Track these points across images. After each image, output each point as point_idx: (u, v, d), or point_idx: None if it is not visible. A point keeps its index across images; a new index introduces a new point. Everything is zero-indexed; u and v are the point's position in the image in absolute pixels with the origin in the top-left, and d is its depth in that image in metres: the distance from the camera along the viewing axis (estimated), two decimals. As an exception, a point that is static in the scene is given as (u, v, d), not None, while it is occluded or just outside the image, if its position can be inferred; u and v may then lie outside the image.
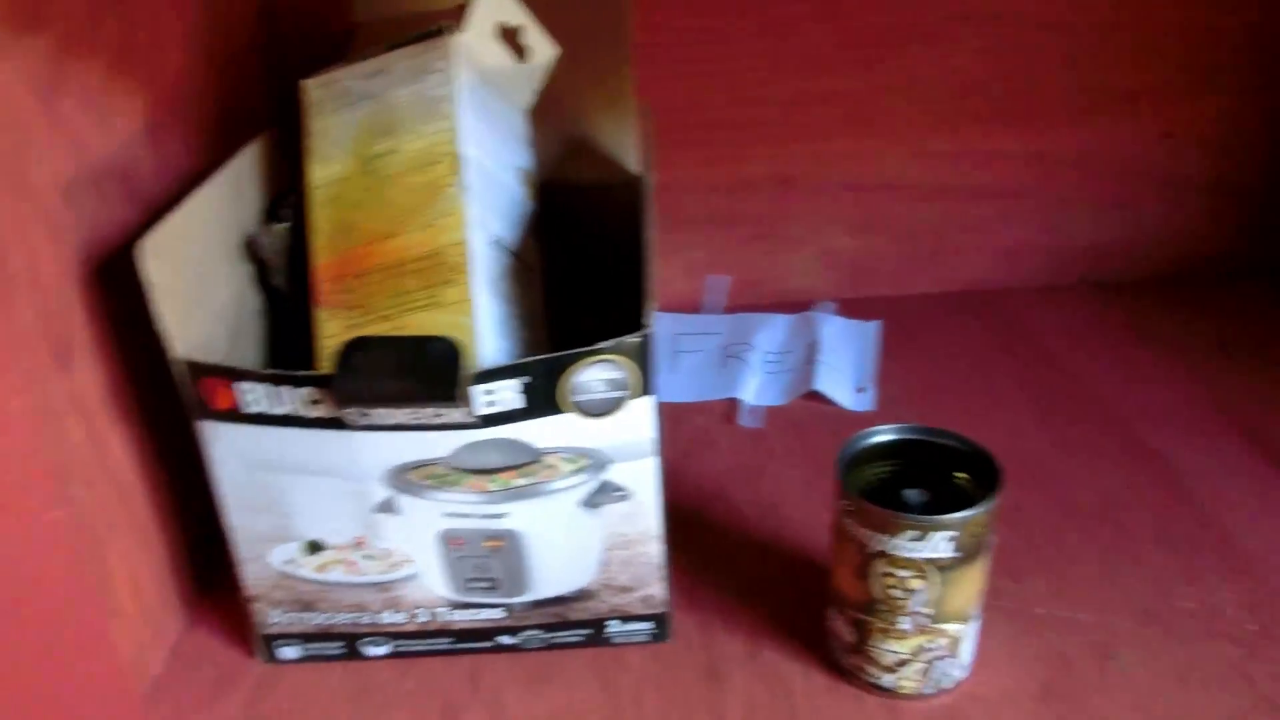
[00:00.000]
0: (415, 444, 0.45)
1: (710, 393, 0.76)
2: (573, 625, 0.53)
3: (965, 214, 0.84)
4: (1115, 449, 0.67)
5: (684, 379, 0.78)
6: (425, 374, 0.42)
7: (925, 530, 0.44)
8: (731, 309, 0.87)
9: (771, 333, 0.82)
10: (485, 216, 0.52)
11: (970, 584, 0.47)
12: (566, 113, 0.65)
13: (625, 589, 0.52)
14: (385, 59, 0.54)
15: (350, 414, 0.44)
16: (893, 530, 0.45)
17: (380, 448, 0.46)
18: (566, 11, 0.68)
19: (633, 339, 0.44)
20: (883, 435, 0.50)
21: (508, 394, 0.44)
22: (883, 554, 0.46)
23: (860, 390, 0.75)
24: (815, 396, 0.74)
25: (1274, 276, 0.86)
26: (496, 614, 0.52)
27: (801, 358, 0.78)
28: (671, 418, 0.73)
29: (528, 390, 0.44)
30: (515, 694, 0.51)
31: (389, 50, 0.55)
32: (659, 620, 0.53)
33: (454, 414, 0.44)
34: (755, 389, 0.76)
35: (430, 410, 0.43)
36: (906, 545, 0.45)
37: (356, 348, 0.43)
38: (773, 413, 0.73)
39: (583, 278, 0.66)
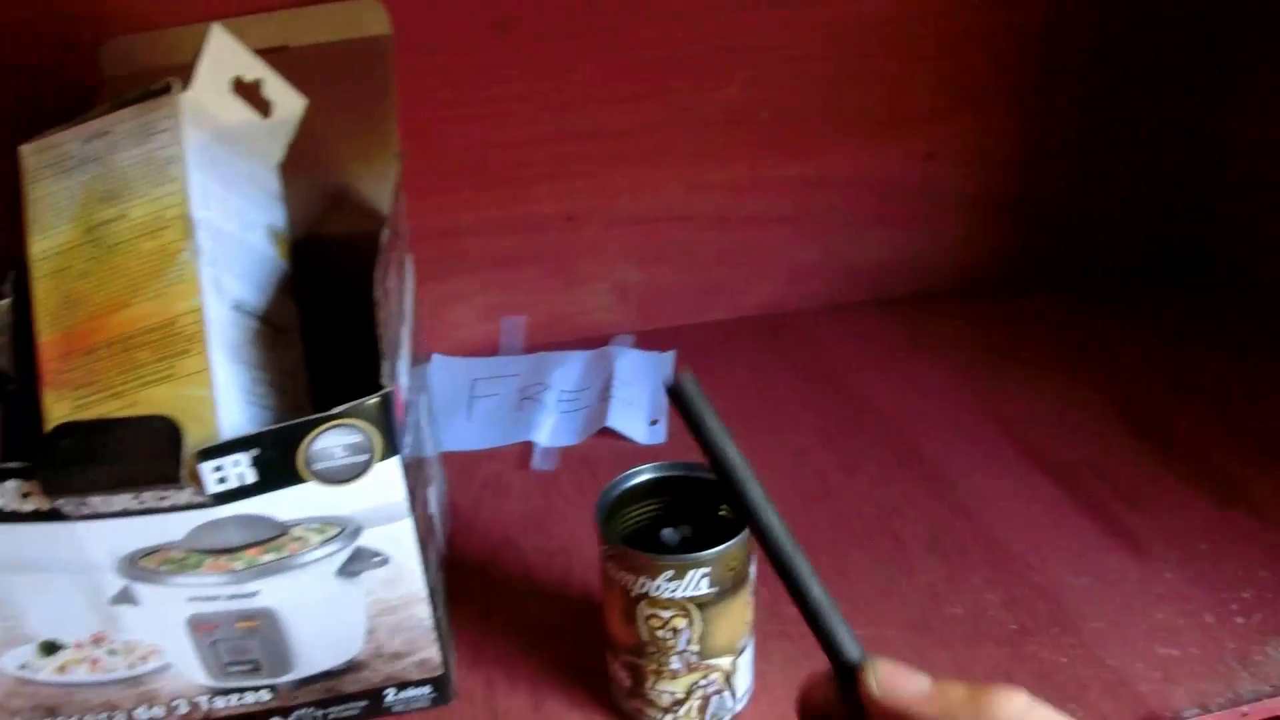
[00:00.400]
0: (145, 529, 0.43)
1: (506, 437, 0.75)
2: (348, 698, 0.51)
3: (748, 241, 0.86)
4: (894, 461, 0.70)
5: (479, 425, 0.77)
6: (138, 456, 0.40)
7: (680, 570, 0.44)
8: (532, 349, 0.86)
9: (568, 371, 0.82)
10: (224, 280, 0.50)
11: (735, 616, 0.47)
12: (330, 164, 0.63)
13: (398, 655, 0.50)
14: (108, 120, 0.52)
15: (65, 504, 0.41)
16: (650, 573, 0.45)
17: (107, 536, 0.43)
18: (325, 60, 0.67)
19: (371, 401, 0.43)
20: (642, 476, 0.50)
21: (239, 469, 0.42)
22: (645, 596, 0.46)
23: (654, 423, 0.75)
24: (610, 433, 0.74)
25: (1040, 285, 0.91)
26: (263, 696, 0.49)
27: (597, 394, 0.78)
28: (464, 467, 0.72)
29: (260, 463, 0.42)
30: (288, 777, 0.49)
31: (112, 110, 0.52)
32: (438, 683, 0.52)
33: (181, 495, 0.42)
34: (550, 430, 0.75)
35: (152, 493, 0.41)
36: (665, 586, 0.45)
37: (63, 434, 0.41)
38: (566, 453, 0.73)
39: (358, 332, 0.64)
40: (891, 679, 0.29)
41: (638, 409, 0.76)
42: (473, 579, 0.61)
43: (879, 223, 0.88)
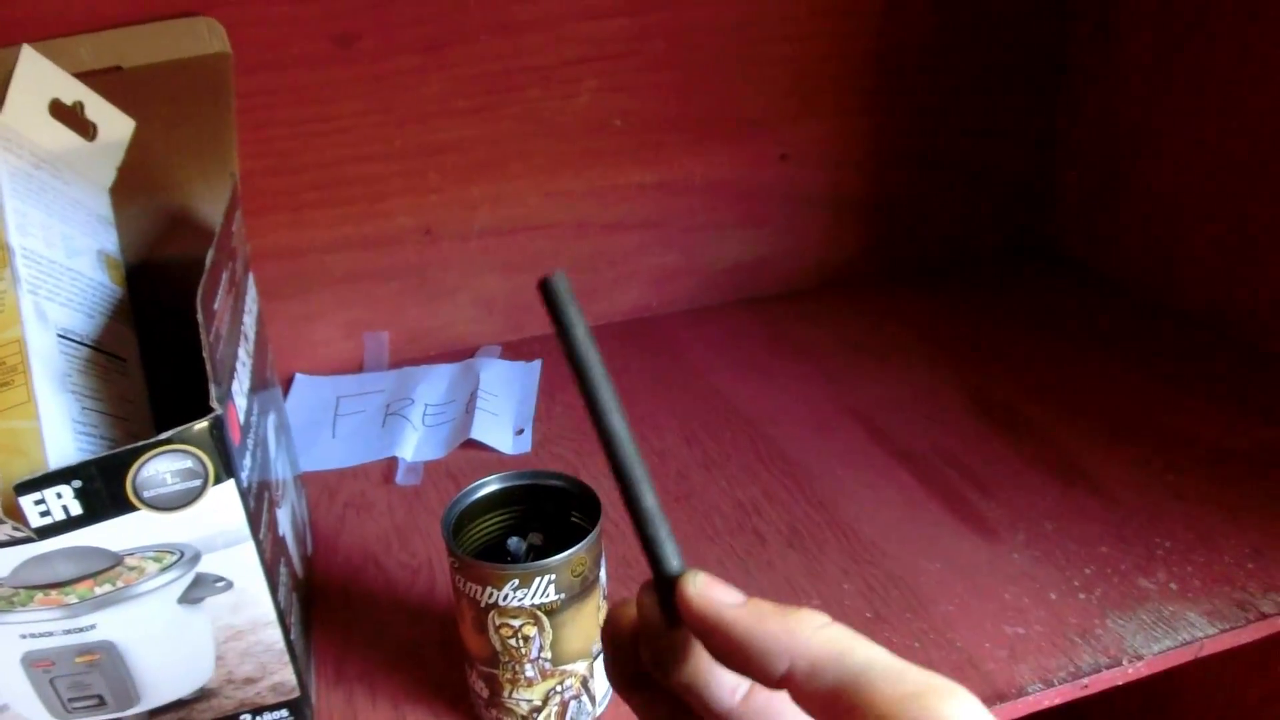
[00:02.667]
0: (-35, 568, 0.41)
1: (370, 454, 0.74)
2: (200, 728, 0.50)
3: (610, 247, 0.87)
4: (754, 459, 0.71)
5: (343, 443, 0.76)
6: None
7: (525, 578, 0.45)
8: (398, 363, 0.86)
9: (433, 384, 0.81)
10: (47, 309, 0.48)
11: (587, 621, 0.48)
12: (169, 186, 0.62)
13: (250, 680, 0.49)
14: (-81, 147, 0.50)
15: (-127, 549, 0.39)
16: (496, 583, 0.45)
17: (-76, 579, 0.41)
18: (161, 80, 0.65)
19: (199, 425, 0.42)
20: (489, 487, 0.50)
21: (62, 501, 0.41)
22: (494, 607, 0.46)
23: (519, 433, 0.75)
24: (476, 444, 0.74)
25: (894, 279, 0.94)
26: (110, 732, 0.48)
27: (462, 407, 0.78)
28: (327, 486, 0.71)
29: (84, 494, 0.41)
30: (138, 815, 0.48)
31: (-77, 137, 0.50)
32: (294, 706, 0.51)
33: (0, 531, 0.40)
34: (415, 445, 0.75)
35: (-33, 532, 0.40)
36: (512, 595, 0.45)
37: None
38: (431, 467, 0.72)
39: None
40: (709, 587, 0.30)
41: (503, 419, 0.76)
42: (335, 598, 0.60)
43: (738, 225, 0.90)
